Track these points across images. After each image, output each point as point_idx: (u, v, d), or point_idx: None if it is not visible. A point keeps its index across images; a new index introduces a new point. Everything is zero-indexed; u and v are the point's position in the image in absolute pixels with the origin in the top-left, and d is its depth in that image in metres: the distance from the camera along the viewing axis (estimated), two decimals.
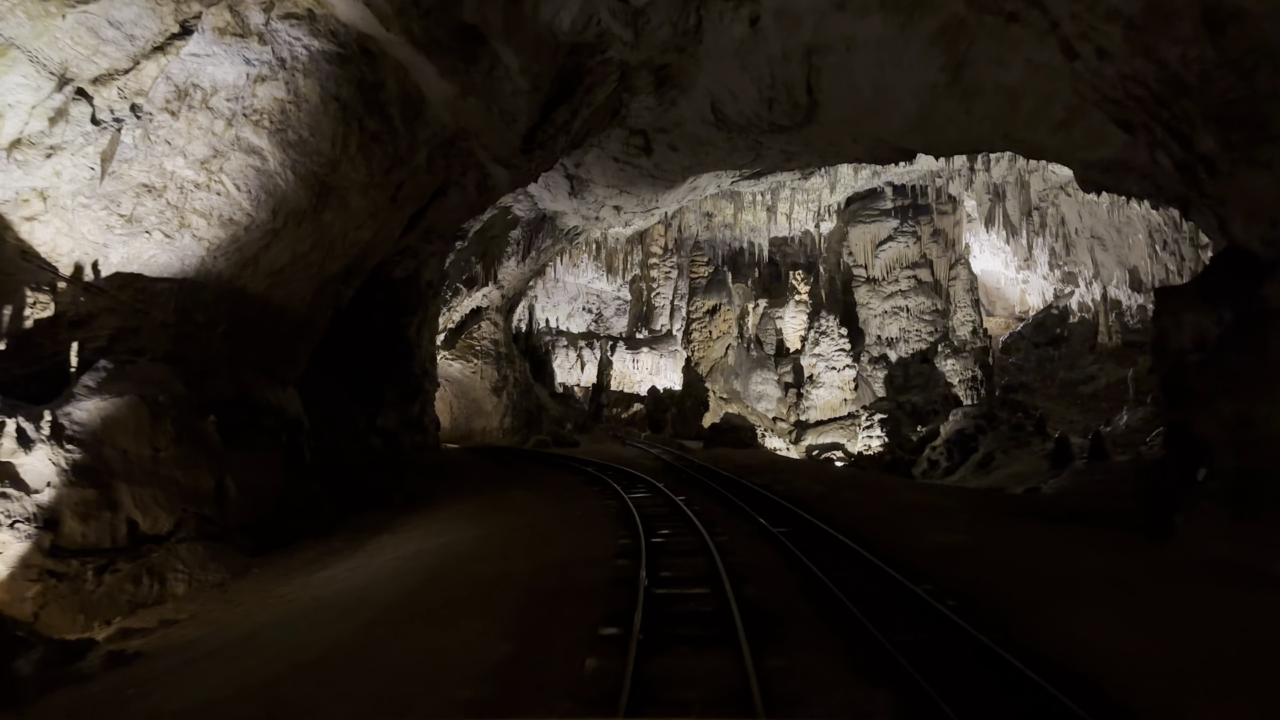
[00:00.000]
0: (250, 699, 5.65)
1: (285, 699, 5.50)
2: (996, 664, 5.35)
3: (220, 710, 5.51)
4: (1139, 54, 9.74)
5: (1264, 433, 8.76)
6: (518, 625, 6.45)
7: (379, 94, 13.61)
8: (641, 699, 4.70)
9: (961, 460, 23.21)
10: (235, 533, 13.28)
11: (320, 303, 16.20)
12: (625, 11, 13.37)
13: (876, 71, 13.63)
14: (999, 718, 4.57)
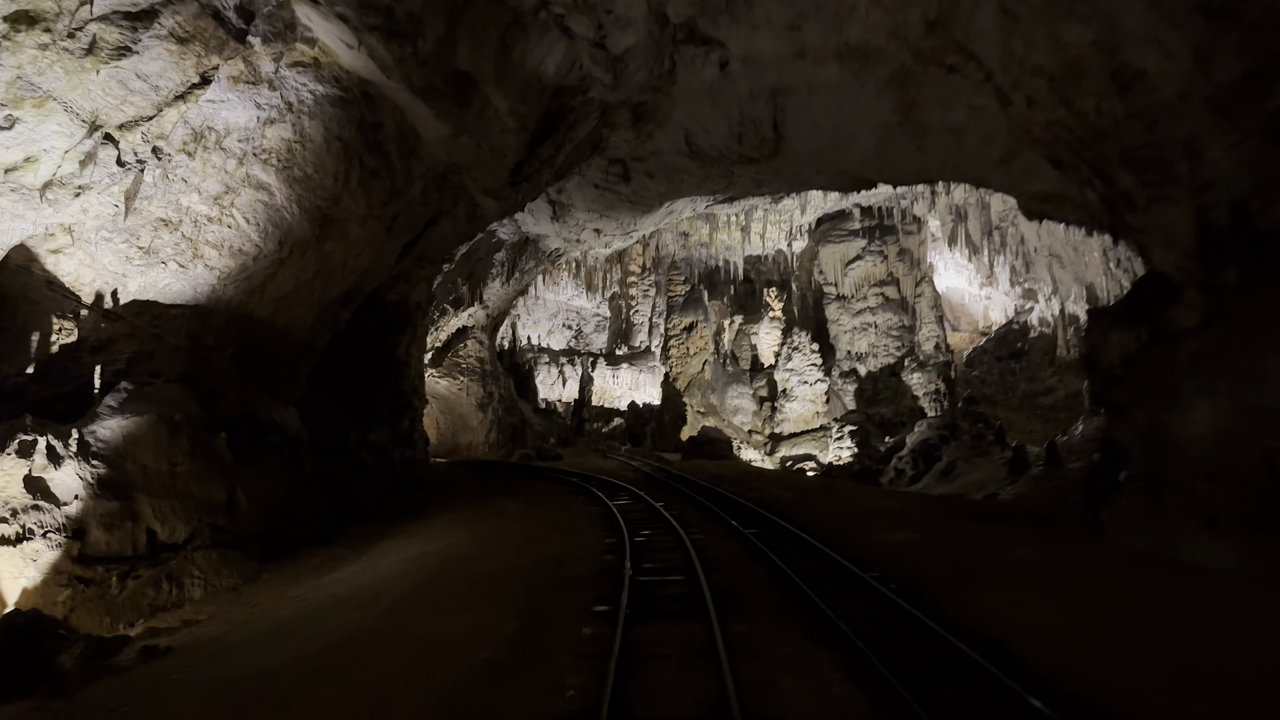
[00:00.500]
0: (296, 667, 6.70)
1: (326, 667, 6.56)
2: (923, 631, 6.49)
3: (275, 676, 6.55)
4: (1062, 104, 11.04)
5: (1171, 438, 9.99)
6: (520, 608, 7.54)
7: (378, 133, 14.68)
8: (629, 654, 5.83)
9: (926, 469, 24.45)
10: (246, 541, 14.24)
11: (320, 326, 17.24)
12: (605, 58, 14.55)
13: (836, 111, 14.90)
14: (916, 666, 5.69)
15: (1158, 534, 9.95)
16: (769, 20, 12.89)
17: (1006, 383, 35.58)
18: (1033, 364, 35.20)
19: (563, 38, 14.14)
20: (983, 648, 5.89)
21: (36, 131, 11.39)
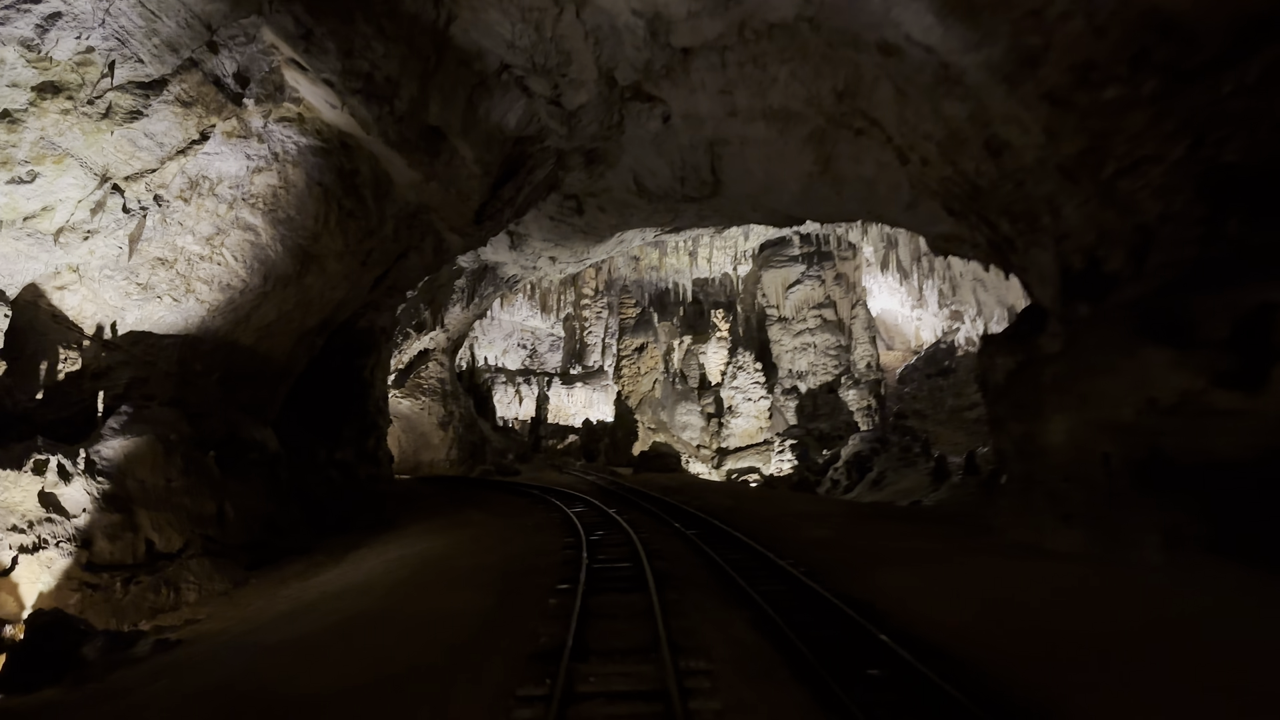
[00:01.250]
0: (316, 636, 8.26)
1: (344, 632, 8.15)
2: (815, 598, 8.26)
3: (299, 642, 8.10)
4: (950, 164, 13.06)
5: (1038, 447, 11.96)
6: (497, 590, 9.19)
7: (355, 179, 16.25)
8: (586, 614, 7.52)
9: (859, 479, 26.43)
10: (234, 550, 15.59)
11: (299, 352, 18.69)
12: (560, 113, 16.33)
13: (765, 161, 16.83)
14: (804, 619, 7.44)
15: (1029, 527, 11.91)
16: (704, 85, 14.78)
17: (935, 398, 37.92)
18: (959, 381, 37.55)
19: (523, 96, 15.88)
20: (856, 607, 7.67)
21: (54, 184, 12.81)
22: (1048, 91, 10.07)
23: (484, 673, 6.03)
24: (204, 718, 5.76)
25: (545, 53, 14.62)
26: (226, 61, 13.09)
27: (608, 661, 6.23)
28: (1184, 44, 8.62)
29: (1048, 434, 11.47)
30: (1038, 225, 12.38)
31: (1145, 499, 9.52)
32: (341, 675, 6.38)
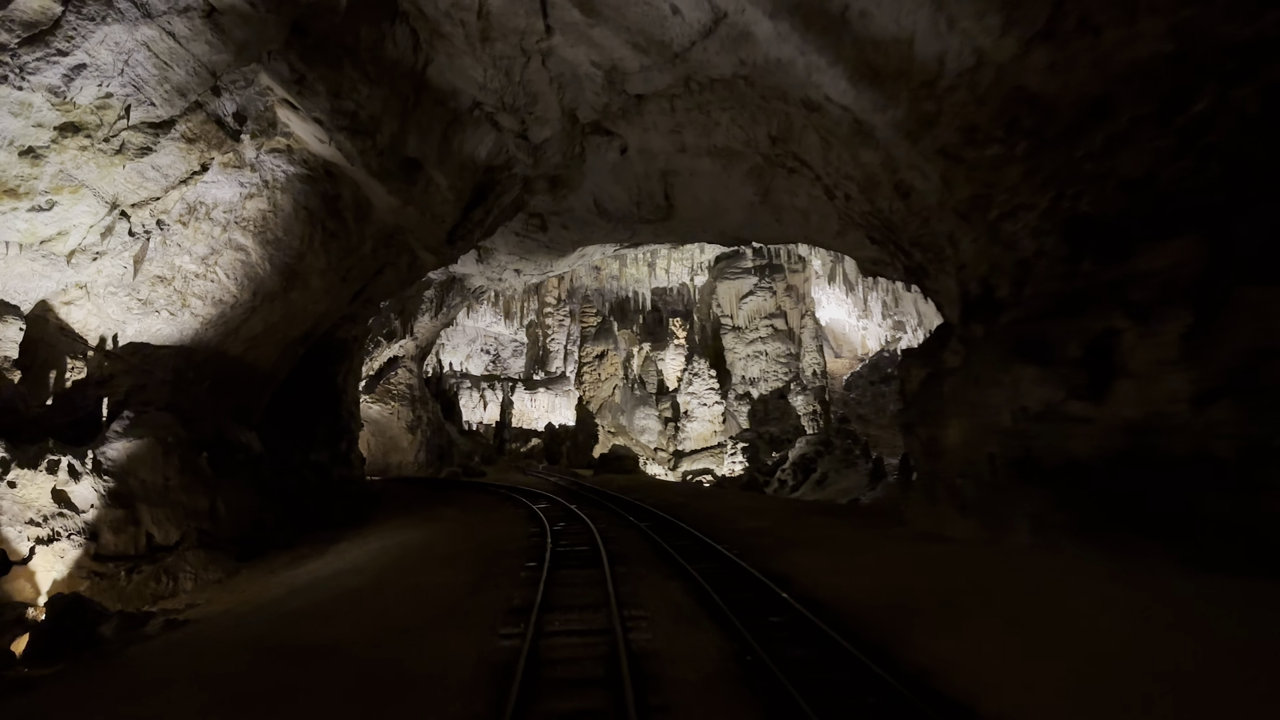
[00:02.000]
0: (323, 605, 9.83)
1: (349, 601, 9.73)
2: (740, 572, 10.00)
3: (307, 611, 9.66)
4: (869, 201, 14.92)
5: (940, 448, 13.82)
6: (475, 568, 10.82)
7: (337, 203, 17.75)
8: (551, 582, 9.21)
9: (804, 479, 28.35)
10: (226, 543, 16.99)
11: (282, 360, 20.13)
12: (527, 145, 17.98)
13: (712, 191, 18.61)
14: (728, 588, 9.15)
15: (934, 517, 13.77)
16: (656, 125, 16.54)
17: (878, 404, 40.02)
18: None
19: (493, 130, 17.52)
20: (772, 578, 9.42)
21: (70, 211, 14.22)
22: (942, 147, 11.94)
23: (471, 622, 7.68)
24: (249, 658, 7.30)
25: (514, 94, 16.26)
26: (227, 103, 14.58)
27: (569, 613, 7.93)
28: (1045, 115, 10.51)
29: (947, 437, 13.35)
30: (943, 256, 14.27)
31: (1020, 491, 11.42)
32: (353, 629, 7.99)
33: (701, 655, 6.47)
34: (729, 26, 12.39)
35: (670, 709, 5.30)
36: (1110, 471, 10.06)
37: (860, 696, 5.50)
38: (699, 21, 12.56)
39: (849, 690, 5.62)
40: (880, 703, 5.36)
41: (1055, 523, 10.63)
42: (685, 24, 12.75)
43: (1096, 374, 10.40)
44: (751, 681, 5.80)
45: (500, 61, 15.39)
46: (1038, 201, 11.33)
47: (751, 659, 6.23)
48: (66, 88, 12.65)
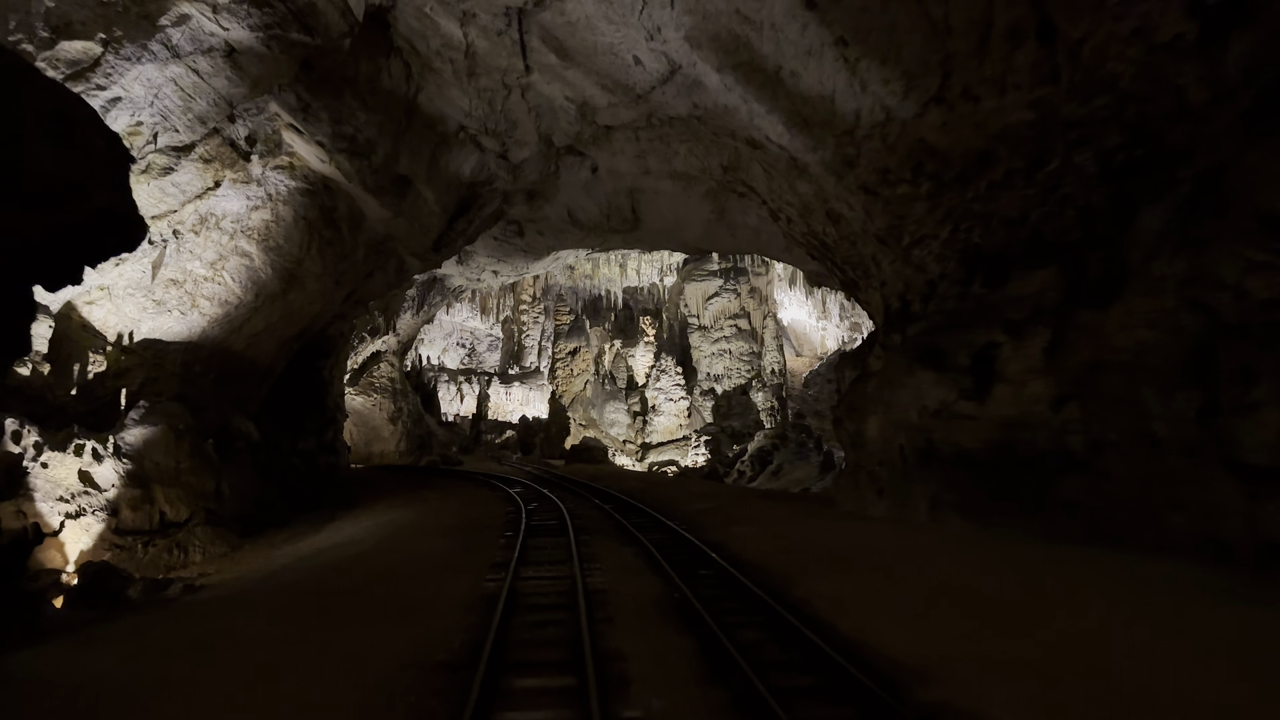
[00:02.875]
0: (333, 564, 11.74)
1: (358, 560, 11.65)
2: (684, 540, 12.01)
3: (322, 567, 11.56)
4: (806, 225, 16.98)
5: (862, 440, 15.92)
6: (461, 538, 12.77)
7: (334, 214, 19.57)
8: (525, 547, 11.20)
9: (761, 470, 30.48)
10: (230, 521, 18.78)
11: (280, 355, 21.93)
12: (507, 164, 19.89)
13: (674, 208, 20.63)
14: (672, 551, 11.16)
15: (857, 500, 15.88)
16: (623, 151, 18.52)
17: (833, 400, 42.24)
18: None
19: (476, 151, 19.42)
20: (709, 545, 11.43)
21: None
22: (862, 184, 14.01)
23: (462, 572, 9.65)
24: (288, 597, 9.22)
25: (496, 121, 18.19)
26: (240, 128, 16.40)
27: (540, 566, 9.93)
28: (942, 163, 12.60)
29: (868, 430, 15.47)
30: (869, 273, 16.38)
31: (922, 476, 13.56)
32: (367, 577, 9.94)
33: (641, 593, 8.49)
34: (683, 76, 14.41)
35: (613, 620, 7.31)
36: (989, 460, 12.22)
37: (752, 616, 7.53)
38: (657, 71, 14.56)
39: (745, 613, 7.64)
40: (766, 620, 7.39)
41: (946, 502, 12.78)
42: (646, 72, 14.75)
43: (980, 379, 12.54)
44: (677, 609, 7.81)
45: (484, 93, 17.29)
46: (939, 232, 13.44)
47: (679, 595, 8.24)
48: (103, 117, 14.38)
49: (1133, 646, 6.12)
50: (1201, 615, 6.83)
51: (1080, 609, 7.15)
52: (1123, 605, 7.22)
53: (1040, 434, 11.45)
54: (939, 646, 6.26)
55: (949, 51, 10.76)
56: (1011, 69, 10.35)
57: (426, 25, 15.70)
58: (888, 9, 10.63)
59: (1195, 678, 5.45)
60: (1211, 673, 5.56)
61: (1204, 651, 5.97)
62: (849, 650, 6.17)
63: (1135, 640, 6.28)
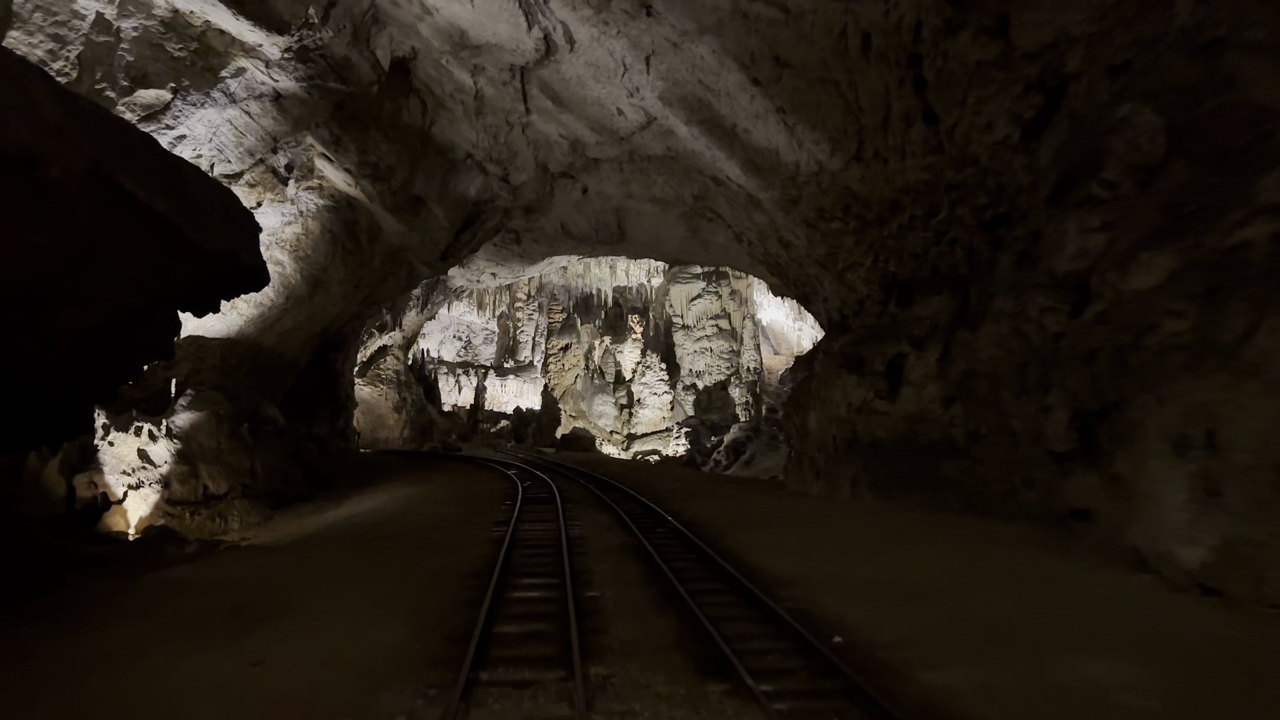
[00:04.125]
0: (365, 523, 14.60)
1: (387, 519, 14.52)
2: (651, 510, 14.89)
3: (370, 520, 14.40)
4: (764, 248, 19.86)
5: (805, 431, 18.82)
6: (469, 506, 15.65)
7: (355, 227, 22.36)
8: (520, 514, 14.09)
9: (735, 459, 33.34)
10: (262, 495, 21.57)
11: (304, 350, 24.74)
12: (508, 186, 22.71)
13: (655, 226, 23.48)
14: (642, 520, 14.03)
15: (801, 481, 18.80)
16: (610, 178, 21.36)
17: None
18: None
19: (481, 175, 22.23)
20: (670, 513, 14.31)
21: None
22: (804, 219, 16.89)
23: (474, 526, 12.53)
24: (346, 540, 12.08)
25: (499, 151, 21.00)
26: (281, 158, 19.16)
27: (534, 523, 12.82)
28: (864, 206, 15.48)
29: (809, 423, 18.38)
30: (815, 290, 19.28)
31: (847, 461, 16.48)
32: (400, 529, 12.82)
33: (609, 540, 11.38)
34: (658, 125, 17.26)
35: (586, 554, 10.20)
36: (895, 447, 15.14)
37: (686, 555, 10.39)
38: (637, 120, 17.42)
39: (682, 552, 10.51)
40: (696, 556, 10.25)
41: (863, 480, 15.71)
42: (627, 120, 17.61)
43: (892, 382, 15.44)
44: (634, 550, 10.68)
45: (490, 129, 20.11)
46: (865, 261, 16.34)
47: (637, 542, 11.10)
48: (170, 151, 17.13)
49: (940, 571, 9.04)
50: (1000, 556, 9.77)
51: (919, 551, 10.08)
52: (952, 549, 10.16)
53: (933, 427, 14.37)
54: (808, 569, 9.16)
55: (861, 124, 13.64)
56: (908, 141, 13.24)
57: (442, 74, 18.51)
58: (813, 90, 13.50)
59: (970, 588, 8.32)
60: (984, 587, 8.43)
61: (986, 576, 8.87)
62: (746, 572, 9.05)
63: (944, 567, 9.19)
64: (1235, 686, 5.44)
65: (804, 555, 10.01)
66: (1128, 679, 5.48)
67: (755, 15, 12.52)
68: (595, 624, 7.04)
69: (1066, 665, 5.76)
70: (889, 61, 12.06)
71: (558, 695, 5.33)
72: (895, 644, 6.30)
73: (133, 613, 7.55)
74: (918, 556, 9.71)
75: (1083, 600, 7.60)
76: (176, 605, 7.81)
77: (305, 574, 9.20)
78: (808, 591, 8.12)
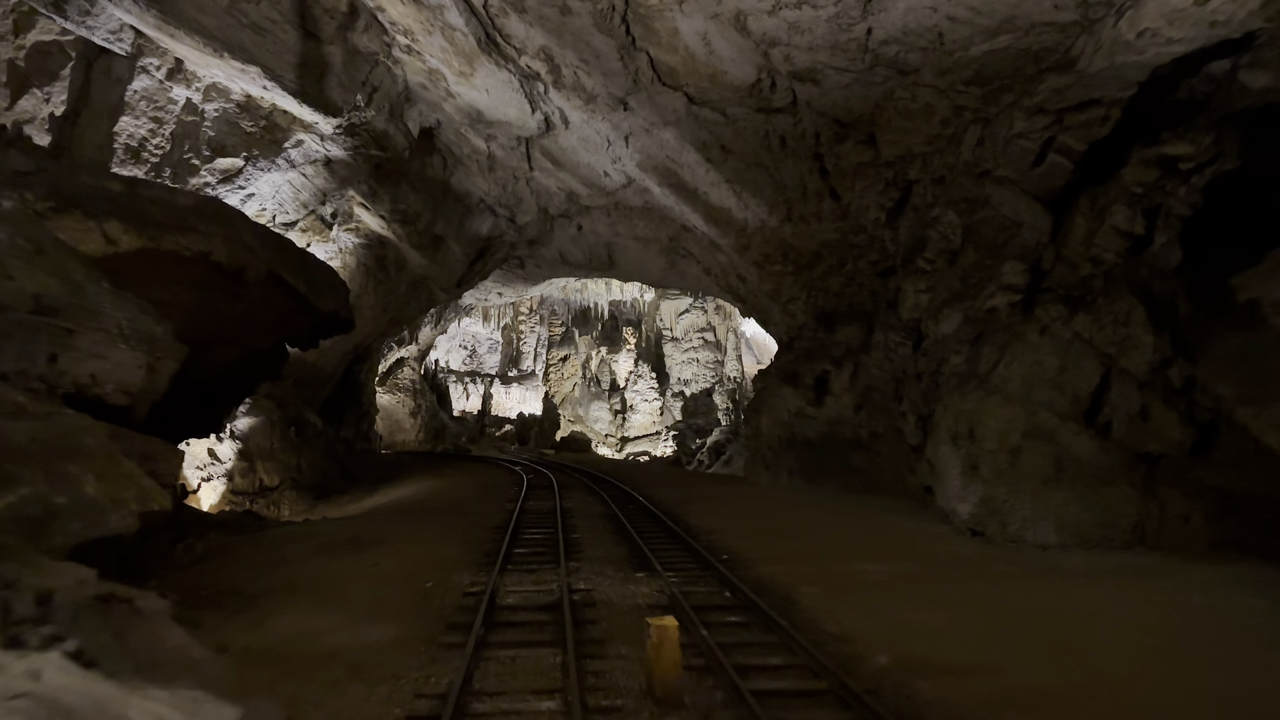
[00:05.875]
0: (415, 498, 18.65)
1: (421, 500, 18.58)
2: (629, 494, 18.94)
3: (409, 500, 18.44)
4: (727, 281, 23.94)
5: (759, 431, 22.86)
6: (484, 491, 19.71)
7: (384, 260, 26.44)
8: (526, 495, 18.16)
9: (716, 459, 37.39)
10: (307, 487, 25.61)
11: (339, 364, 28.83)
12: (514, 225, 26.82)
13: (639, 258, 27.58)
14: (619, 500, 18.06)
15: (755, 473, 22.86)
16: (600, 220, 25.46)
17: None
18: None
19: (491, 216, 26.33)
20: (643, 496, 18.35)
21: None
22: (754, 261, 20.97)
23: (492, 503, 16.59)
24: (393, 510, 16.12)
25: (507, 198, 25.11)
26: (328, 208, 23.26)
27: (537, 501, 16.89)
28: (798, 255, 19.55)
29: (761, 425, 22.44)
30: (769, 316, 23.36)
31: (786, 456, 20.55)
32: (438, 505, 16.88)
33: (592, 511, 15.44)
34: (636, 185, 21.38)
35: (574, 518, 14.26)
36: (820, 444, 19.21)
37: (652, 523, 14.39)
38: (620, 180, 21.54)
39: (648, 522, 14.49)
40: (656, 523, 14.22)
41: (796, 472, 19.79)
42: (612, 180, 21.72)
43: (819, 393, 19.51)
44: (611, 518, 14.68)
45: (499, 181, 24.21)
46: (800, 296, 20.42)
47: (613, 513, 15.12)
48: (241, 206, 21.22)
49: (811, 524, 13.10)
50: (862, 516, 13.87)
51: (806, 514, 14.16)
52: (829, 512, 14.26)
53: (846, 428, 18.44)
54: (724, 524, 13.22)
55: (788, 196, 17.75)
56: (821, 210, 17.34)
57: (460, 139, 22.63)
58: (750, 170, 17.61)
59: (823, 532, 12.34)
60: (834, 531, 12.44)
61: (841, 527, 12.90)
62: (683, 526, 13.10)
63: (815, 521, 13.25)
64: (940, 571, 9.49)
65: (726, 517, 14.09)
66: (883, 570, 9.55)
67: (703, 118, 16.64)
68: (575, 548, 11.16)
69: (851, 565, 9.84)
70: (800, 155, 16.18)
71: (550, 574, 9.41)
72: (756, 558, 10.37)
73: (286, 542, 11.64)
74: (803, 516, 13.81)
75: (894, 538, 11.69)
76: (310, 540, 11.89)
77: (384, 526, 13.27)
78: (718, 536, 12.20)
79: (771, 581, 8.96)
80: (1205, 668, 5.89)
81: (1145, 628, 6.84)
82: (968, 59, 11.89)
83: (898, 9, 11.72)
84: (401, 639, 6.89)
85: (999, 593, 8.25)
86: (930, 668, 5.94)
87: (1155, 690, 5.44)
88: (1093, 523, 10.60)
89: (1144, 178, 10.77)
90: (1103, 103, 11.32)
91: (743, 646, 6.74)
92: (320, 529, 13.84)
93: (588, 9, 15.15)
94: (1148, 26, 9.41)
